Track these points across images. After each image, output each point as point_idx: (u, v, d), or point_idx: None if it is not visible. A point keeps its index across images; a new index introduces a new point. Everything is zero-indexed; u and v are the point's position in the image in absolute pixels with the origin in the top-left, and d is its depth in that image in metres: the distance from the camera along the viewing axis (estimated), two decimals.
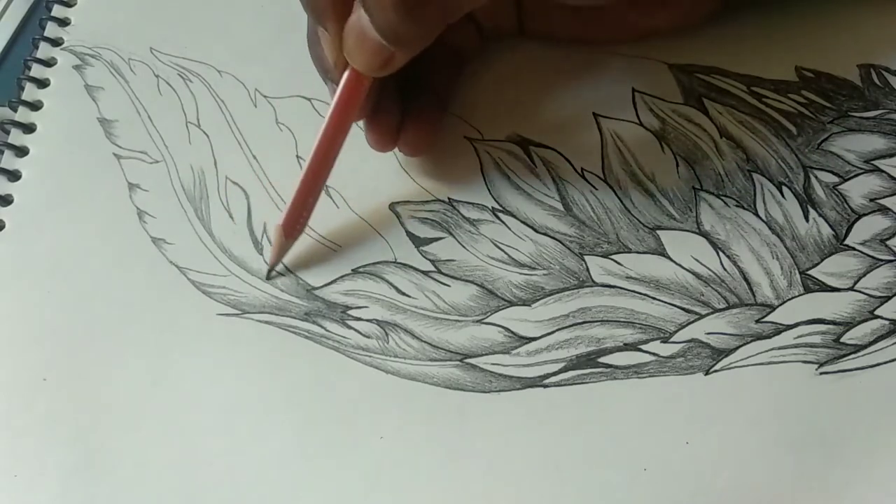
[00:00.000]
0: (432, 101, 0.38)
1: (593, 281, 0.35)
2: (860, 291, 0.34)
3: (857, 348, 0.33)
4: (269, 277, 0.36)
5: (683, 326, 0.34)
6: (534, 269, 0.35)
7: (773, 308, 0.34)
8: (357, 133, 0.39)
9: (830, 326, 0.33)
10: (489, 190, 0.37)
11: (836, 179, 0.37)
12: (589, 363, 0.33)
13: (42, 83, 0.42)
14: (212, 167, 0.39)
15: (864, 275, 0.34)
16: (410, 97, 0.37)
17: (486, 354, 0.34)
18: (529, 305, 0.35)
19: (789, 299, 0.34)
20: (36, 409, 0.33)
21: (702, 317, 0.34)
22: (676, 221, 0.36)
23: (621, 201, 0.37)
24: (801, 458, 0.31)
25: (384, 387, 0.33)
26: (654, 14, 0.39)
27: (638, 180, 0.37)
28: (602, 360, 0.33)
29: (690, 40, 0.41)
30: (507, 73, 0.40)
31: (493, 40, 0.41)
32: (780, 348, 0.33)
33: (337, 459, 0.32)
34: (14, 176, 0.39)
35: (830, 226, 0.36)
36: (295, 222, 0.35)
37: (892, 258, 0.35)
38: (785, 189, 0.36)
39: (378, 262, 0.36)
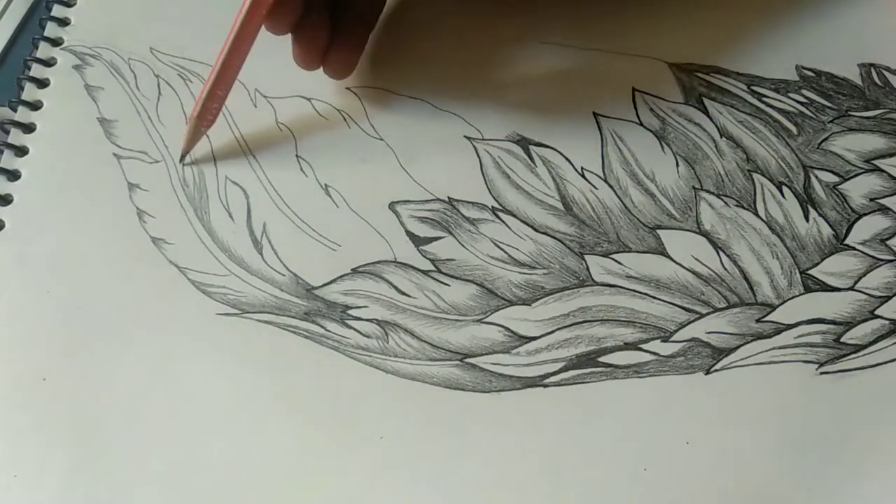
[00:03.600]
0: (357, 22, 0.39)
1: (593, 280, 0.35)
2: (860, 291, 0.34)
3: (857, 348, 0.33)
4: (182, 160, 0.39)
5: (684, 326, 0.34)
6: (534, 268, 0.35)
7: (773, 307, 0.34)
8: (357, 135, 0.39)
9: (831, 326, 0.33)
10: (489, 189, 0.37)
11: (836, 179, 0.37)
12: (589, 363, 0.33)
13: (42, 83, 0.42)
14: (211, 167, 0.39)
15: (865, 275, 0.34)
16: (338, 18, 0.38)
17: (486, 354, 0.34)
18: (529, 305, 0.35)
19: (790, 299, 0.34)
20: (36, 409, 0.33)
21: (702, 316, 0.34)
22: (677, 221, 0.36)
23: (621, 201, 0.37)
24: (801, 458, 0.31)
25: (384, 387, 0.33)
26: None
27: (638, 180, 0.37)
28: (602, 359, 0.33)
29: (691, 39, 0.41)
30: (506, 71, 0.40)
31: None
32: (780, 348, 0.33)
33: (337, 459, 0.32)
34: (14, 175, 0.39)
35: (830, 225, 0.36)
36: (207, 112, 0.38)
37: (892, 258, 0.35)
38: (785, 189, 0.36)
39: (378, 262, 0.36)
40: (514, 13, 0.41)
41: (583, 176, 0.37)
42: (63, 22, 0.44)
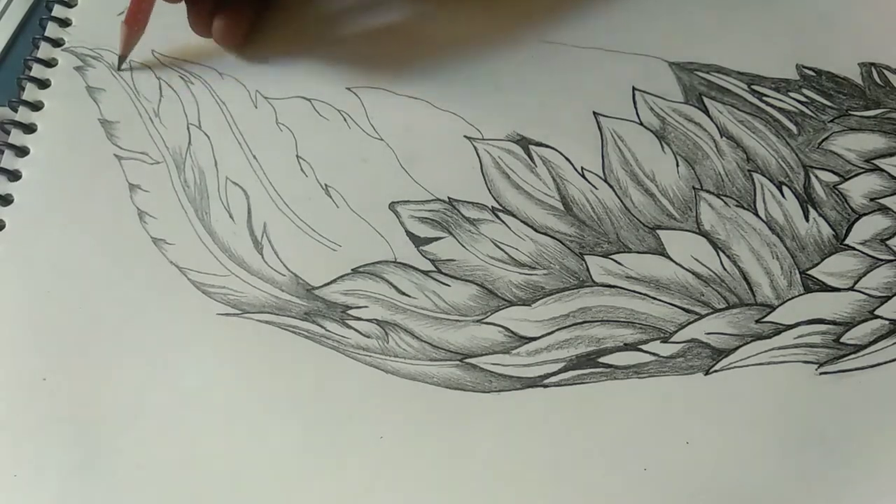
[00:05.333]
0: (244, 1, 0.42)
1: (593, 281, 0.35)
2: (860, 291, 0.34)
3: (857, 348, 0.33)
4: (119, 67, 0.42)
5: (683, 326, 0.34)
6: (534, 268, 0.35)
7: (773, 308, 0.34)
8: (357, 135, 0.39)
9: (830, 326, 0.33)
10: (489, 189, 0.37)
11: (836, 179, 0.37)
12: (589, 363, 0.33)
13: (43, 83, 0.42)
14: (212, 168, 0.39)
15: (864, 275, 0.34)
16: None
17: (486, 354, 0.34)
18: (529, 305, 0.35)
19: (789, 299, 0.34)
20: (36, 409, 0.33)
21: (702, 317, 0.34)
22: (676, 221, 0.36)
23: (621, 201, 0.37)
24: (801, 458, 0.31)
25: (384, 387, 0.33)
26: None
27: (638, 180, 0.37)
28: (602, 360, 0.33)
29: (691, 38, 0.41)
30: (506, 71, 0.40)
31: None
32: (780, 348, 0.33)
33: (337, 459, 0.32)
34: (14, 176, 0.39)
35: (830, 225, 0.35)
36: (136, 14, 0.41)
37: (892, 258, 0.35)
38: (785, 189, 0.36)
39: (378, 262, 0.36)
40: (514, 12, 0.41)
41: (583, 176, 0.37)
42: (64, 23, 0.44)
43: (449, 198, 0.37)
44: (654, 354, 0.33)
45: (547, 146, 0.38)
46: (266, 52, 0.42)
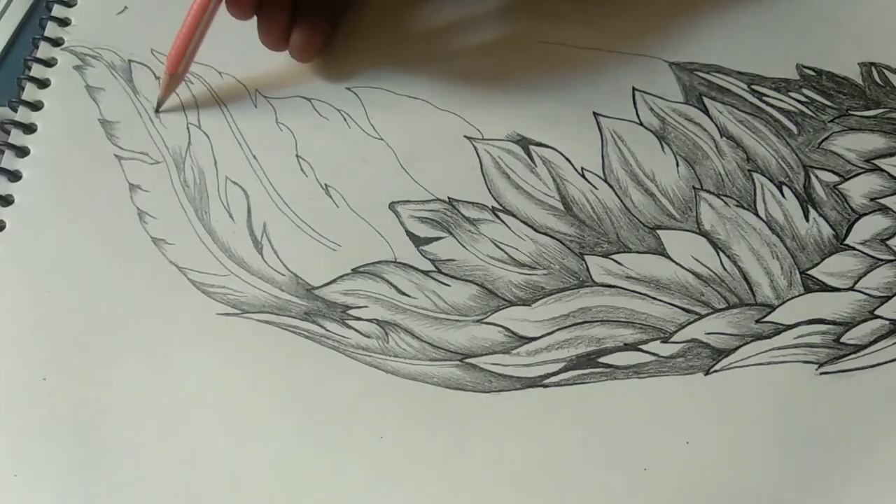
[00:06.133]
0: (321, 13, 0.40)
1: (593, 281, 0.35)
2: (860, 291, 0.34)
3: (857, 348, 0.33)
4: (157, 111, 0.41)
5: (683, 326, 0.34)
6: (534, 268, 0.35)
7: (773, 308, 0.34)
8: (357, 135, 0.39)
9: (830, 326, 0.33)
10: (489, 189, 0.37)
11: (836, 179, 0.37)
12: (589, 363, 0.33)
13: (42, 83, 0.42)
14: (212, 167, 0.39)
15: (865, 275, 0.34)
16: (302, 6, 0.40)
17: (486, 354, 0.34)
18: (529, 305, 0.35)
19: (789, 299, 0.34)
20: (36, 409, 0.33)
21: (702, 317, 0.34)
22: (676, 221, 0.36)
23: (621, 201, 0.37)
24: (801, 458, 0.31)
25: (384, 387, 0.33)
26: None
27: (638, 180, 0.37)
28: (602, 360, 0.33)
29: (691, 38, 0.41)
30: (506, 71, 0.40)
31: None
32: (780, 348, 0.33)
33: (337, 459, 0.32)
34: (15, 176, 0.39)
35: (831, 225, 0.36)
36: (178, 62, 0.39)
37: (892, 258, 0.35)
38: (785, 189, 0.36)
39: (378, 262, 0.36)
40: (514, 13, 0.41)
41: (583, 176, 0.37)
42: (64, 22, 0.44)
43: (449, 198, 0.37)
44: (654, 354, 0.33)
45: (547, 146, 0.38)
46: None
